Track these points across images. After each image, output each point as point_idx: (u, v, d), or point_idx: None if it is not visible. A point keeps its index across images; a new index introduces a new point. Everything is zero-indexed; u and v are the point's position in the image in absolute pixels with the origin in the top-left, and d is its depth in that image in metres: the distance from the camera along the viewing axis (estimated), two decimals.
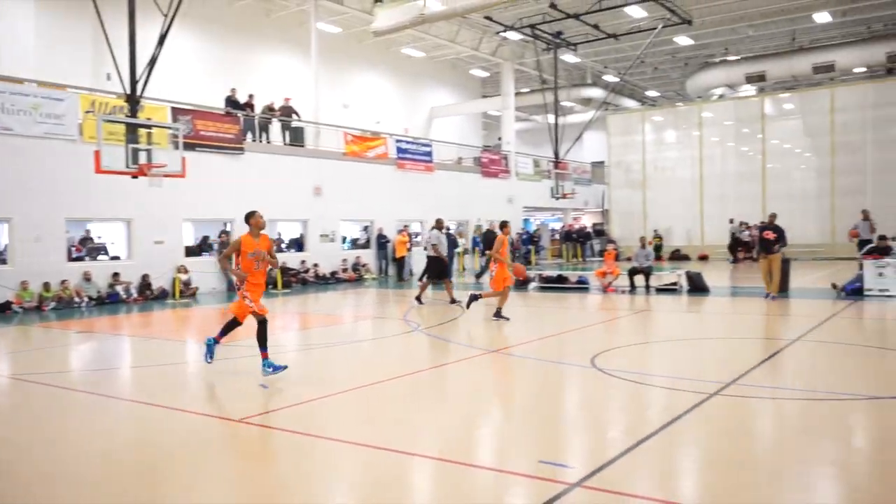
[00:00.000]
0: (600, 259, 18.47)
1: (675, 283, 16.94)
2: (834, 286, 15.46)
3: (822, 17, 27.07)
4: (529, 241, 31.04)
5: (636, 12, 25.81)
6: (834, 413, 6.12)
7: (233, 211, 19.89)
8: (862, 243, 17.02)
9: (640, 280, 17.18)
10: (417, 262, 22.49)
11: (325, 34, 26.63)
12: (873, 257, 14.85)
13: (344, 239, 25.17)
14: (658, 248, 28.58)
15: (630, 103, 40.12)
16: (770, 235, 14.58)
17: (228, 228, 20.41)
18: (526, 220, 35.32)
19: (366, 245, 25.21)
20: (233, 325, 7.91)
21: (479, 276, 20.19)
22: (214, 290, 19.46)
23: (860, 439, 5.53)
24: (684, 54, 33.54)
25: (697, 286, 16.44)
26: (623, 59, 33.22)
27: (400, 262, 24.43)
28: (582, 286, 18.18)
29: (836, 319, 11.80)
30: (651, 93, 42.14)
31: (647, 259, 17.32)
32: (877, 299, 14.20)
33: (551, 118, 29.75)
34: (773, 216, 15.05)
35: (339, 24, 27.12)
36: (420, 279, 20.12)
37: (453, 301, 14.46)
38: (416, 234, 26.12)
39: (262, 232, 7.84)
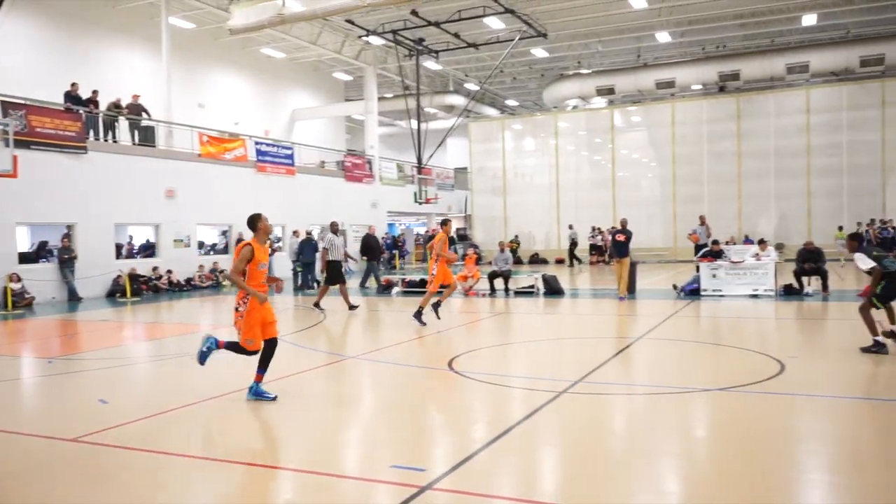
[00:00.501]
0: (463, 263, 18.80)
1: (532, 286, 17.56)
2: (674, 287, 16.67)
3: (663, 36, 29.17)
4: (394, 246, 31.12)
5: (495, 23, 26.59)
6: (673, 405, 6.55)
7: (75, 214, 18.52)
8: (699, 247, 18.41)
9: (499, 283, 17.68)
10: (280, 267, 21.90)
11: (179, 30, 25.40)
12: (708, 260, 16.11)
13: (201, 244, 24.08)
14: (514, 252, 29.44)
15: (491, 111, 41.28)
16: (622, 238, 15.61)
17: (70, 232, 18.93)
18: (391, 225, 35.39)
19: (224, 250, 24.24)
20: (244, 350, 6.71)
21: (362, 284, 19.87)
22: (54, 301, 17.98)
23: (698, 430, 5.95)
24: (541, 66, 34.98)
25: (553, 289, 17.13)
26: (483, 67, 34.15)
27: None
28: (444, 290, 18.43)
29: (676, 318, 12.70)
30: (511, 102, 43.60)
31: (506, 263, 17.85)
32: (711, 299, 15.43)
33: (414, 124, 30.02)
34: (625, 221, 16.15)
35: (192, 19, 25.96)
36: (315, 284, 19.65)
37: (352, 307, 14.48)
38: (278, 239, 25.45)
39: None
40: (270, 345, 6.75)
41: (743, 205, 30.74)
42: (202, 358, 6.83)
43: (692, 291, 15.94)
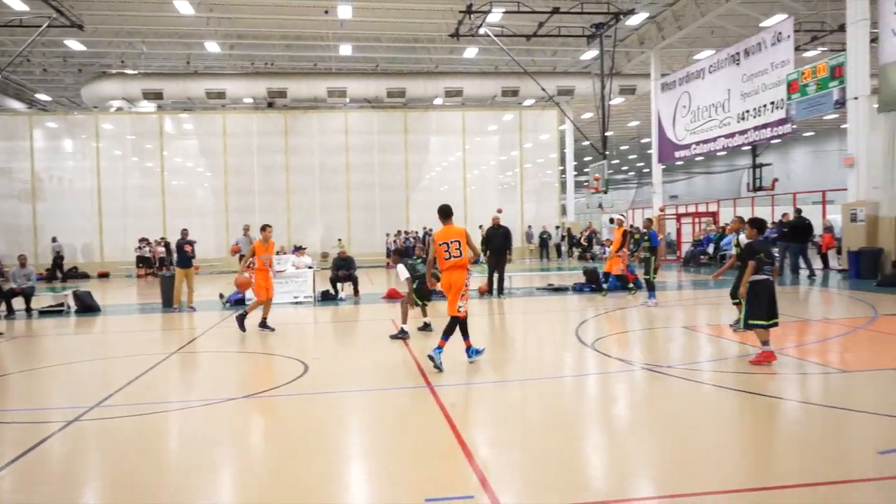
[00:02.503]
0: None
1: (61, 305, 15.70)
2: (221, 297, 16.67)
3: (213, 46, 29.05)
4: None
5: (17, 4, 23.14)
6: (194, 419, 6.46)
7: None
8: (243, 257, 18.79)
9: (20, 302, 15.36)
10: None
11: None
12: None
13: None
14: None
15: (17, 104, 35.87)
16: (188, 249, 15.36)
17: None
18: None
19: None
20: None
21: None
22: None
23: (217, 440, 5.94)
24: (78, 60, 31.64)
25: (87, 306, 15.58)
26: (4, 53, 29.45)
27: None
28: None
29: (218, 329, 12.67)
30: (42, 96, 38.48)
31: (27, 279, 15.60)
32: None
33: None
34: (185, 231, 15.93)
35: None
36: None
37: None
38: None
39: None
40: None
41: (292, 216, 32.42)
42: None
43: (238, 301, 16.14)
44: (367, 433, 5.96)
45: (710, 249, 25.53)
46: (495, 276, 16.56)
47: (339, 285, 17.09)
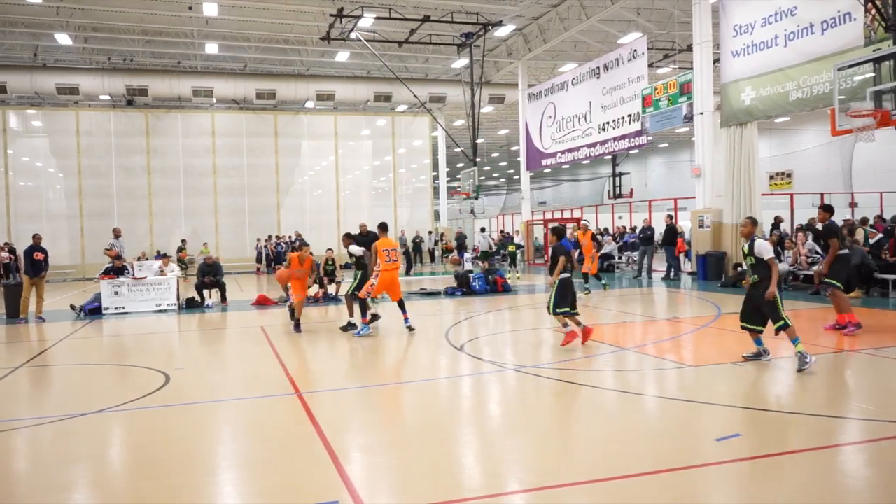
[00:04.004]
0: None
1: None
2: (72, 307, 15.58)
3: (64, 38, 27.11)
4: None
5: None
6: (39, 437, 6.02)
7: None
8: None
9: None
10: None
11: None
12: (109, 277, 15.55)
13: None
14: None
15: None
16: (40, 256, 14.37)
17: None
18: None
19: None
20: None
21: None
22: None
23: (72, 458, 5.57)
24: None
25: None
26: None
27: None
28: None
29: (70, 341, 11.85)
30: None
31: None
32: (114, 316, 14.96)
33: None
34: (38, 237, 15.04)
35: None
36: None
37: None
38: None
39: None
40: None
41: (154, 221, 30.84)
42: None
43: (93, 310, 15.18)
44: (231, 444, 5.80)
45: (575, 254, 26.76)
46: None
47: (205, 292, 16.46)
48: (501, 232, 36.65)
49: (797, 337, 7.61)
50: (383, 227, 11.67)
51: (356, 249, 11.96)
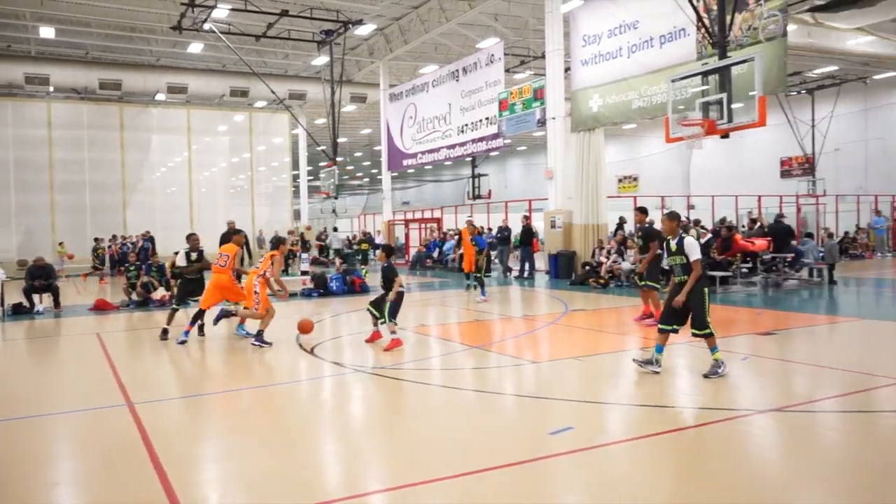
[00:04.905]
0: None
1: None
2: None
3: None
4: None
5: None
6: None
7: None
8: None
9: None
10: None
11: None
12: None
13: None
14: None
15: None
16: None
17: None
18: None
19: None
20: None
21: None
22: None
23: None
24: None
25: None
26: None
27: None
28: None
29: None
30: None
31: None
32: None
33: None
34: None
35: None
36: None
37: None
38: None
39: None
40: None
41: None
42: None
43: None
44: (53, 462, 5.30)
45: (436, 254, 27.09)
46: None
47: (35, 297, 15.12)
48: (363, 232, 36.46)
49: (716, 346, 7.28)
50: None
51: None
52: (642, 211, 11.40)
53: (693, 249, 7.24)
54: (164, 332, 10.65)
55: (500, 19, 25.49)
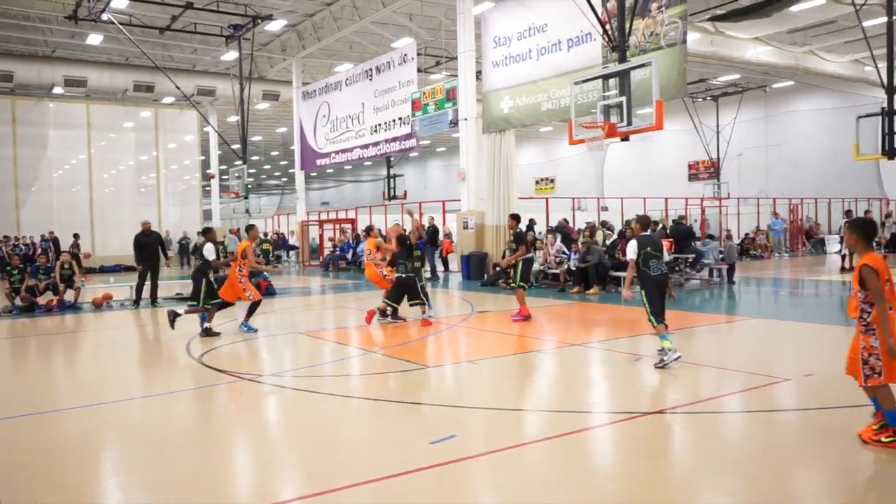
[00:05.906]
0: None
1: None
2: None
3: None
4: None
5: None
6: None
7: None
8: None
9: None
10: None
11: None
12: None
13: None
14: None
15: None
16: None
17: None
18: None
19: None
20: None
21: None
22: None
23: None
24: None
25: None
26: None
27: None
28: None
29: None
30: None
31: None
32: None
33: None
34: None
35: None
36: None
37: None
38: None
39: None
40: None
41: None
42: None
43: None
44: None
45: (350, 255, 26.64)
46: (147, 284, 15.80)
47: None
48: (277, 232, 35.68)
49: (665, 334, 7.65)
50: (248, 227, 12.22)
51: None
52: (514, 218, 12.29)
53: (628, 251, 7.93)
54: (207, 330, 10.76)
55: (415, 19, 25.30)
